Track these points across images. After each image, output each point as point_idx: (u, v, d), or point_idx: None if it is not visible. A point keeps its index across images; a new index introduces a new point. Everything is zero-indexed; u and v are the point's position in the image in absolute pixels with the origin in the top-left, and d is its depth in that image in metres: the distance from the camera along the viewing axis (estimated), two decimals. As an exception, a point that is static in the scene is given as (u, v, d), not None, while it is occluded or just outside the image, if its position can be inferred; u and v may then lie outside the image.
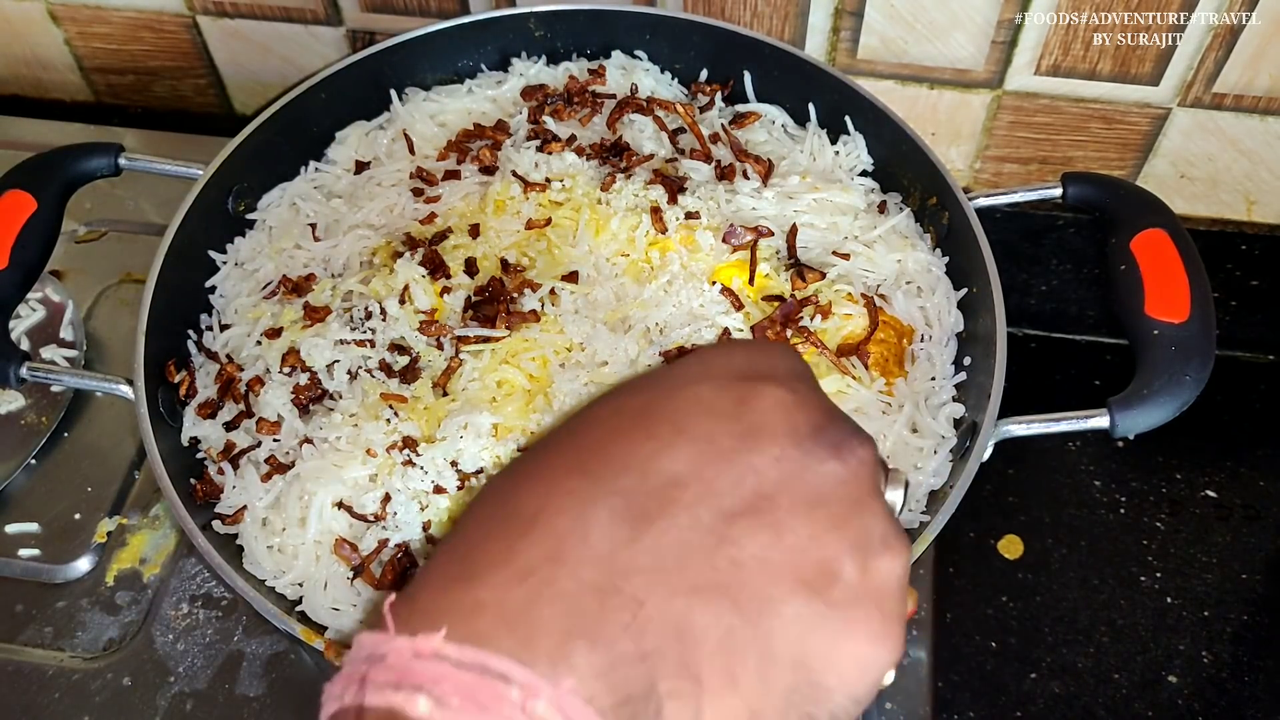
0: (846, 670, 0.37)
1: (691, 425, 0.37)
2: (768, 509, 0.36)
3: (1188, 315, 0.67)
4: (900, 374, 0.74)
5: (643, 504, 0.36)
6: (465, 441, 0.66)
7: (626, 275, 0.75)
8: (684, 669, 0.34)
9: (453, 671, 0.32)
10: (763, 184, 0.79)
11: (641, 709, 0.34)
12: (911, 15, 0.92)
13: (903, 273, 0.78)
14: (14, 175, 0.76)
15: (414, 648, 0.33)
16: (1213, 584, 0.86)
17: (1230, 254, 1.04)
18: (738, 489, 0.36)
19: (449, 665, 0.32)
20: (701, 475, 0.36)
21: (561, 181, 0.78)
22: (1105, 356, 0.98)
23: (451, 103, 0.88)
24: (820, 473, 0.37)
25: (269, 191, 0.84)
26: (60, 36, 1.11)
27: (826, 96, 0.85)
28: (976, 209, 0.75)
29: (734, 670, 0.35)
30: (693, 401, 0.38)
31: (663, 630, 0.34)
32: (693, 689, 0.35)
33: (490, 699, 0.31)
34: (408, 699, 0.32)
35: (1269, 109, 0.95)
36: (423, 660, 0.32)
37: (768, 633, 0.35)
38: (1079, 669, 0.82)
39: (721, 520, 0.36)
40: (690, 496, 0.36)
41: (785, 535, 0.36)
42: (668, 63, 0.89)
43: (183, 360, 0.76)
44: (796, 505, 0.36)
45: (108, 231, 1.00)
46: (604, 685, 0.33)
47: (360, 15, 1.02)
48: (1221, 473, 0.91)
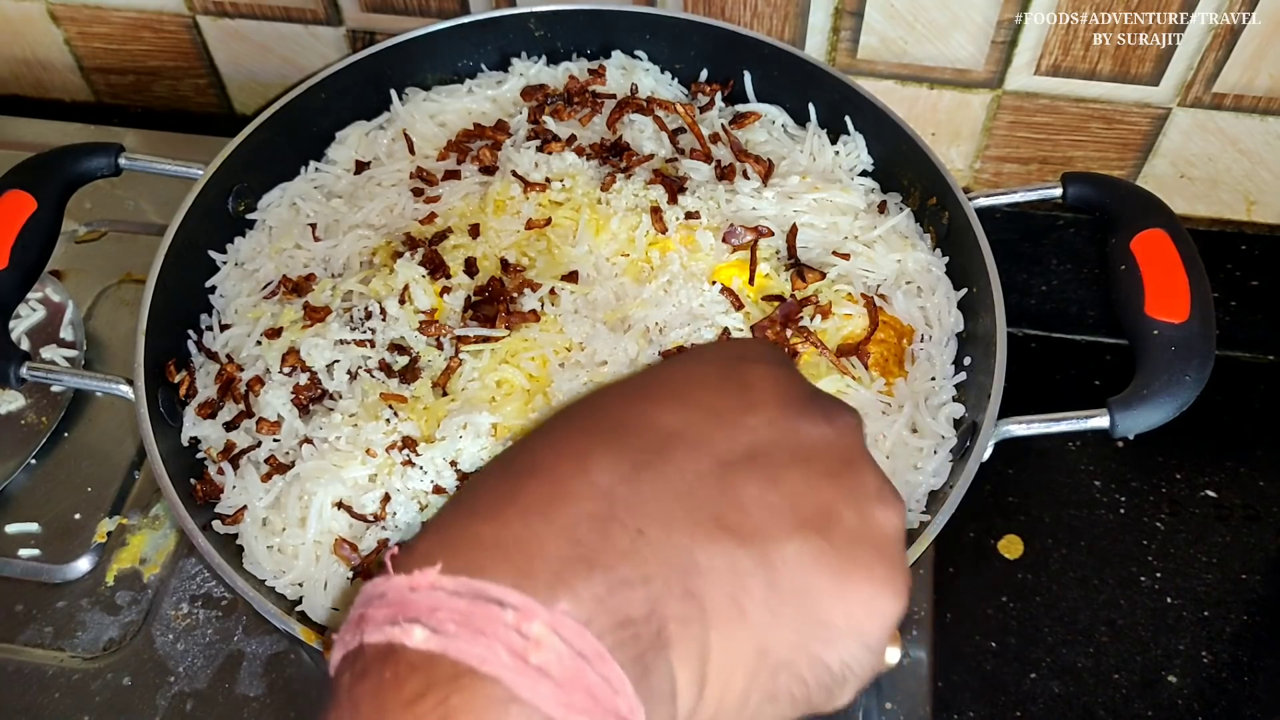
0: (854, 610, 0.37)
1: (688, 394, 0.40)
2: (764, 460, 0.38)
3: (1188, 315, 0.67)
4: (900, 374, 0.74)
5: (642, 451, 0.37)
6: (465, 441, 0.66)
7: (626, 275, 0.75)
8: (688, 597, 0.35)
9: (447, 600, 0.32)
10: (763, 184, 0.79)
11: (644, 631, 0.34)
12: (911, 15, 0.92)
13: (903, 273, 0.78)
14: (14, 175, 0.76)
15: (410, 583, 0.33)
16: (1213, 584, 0.86)
17: (1230, 254, 1.04)
18: (733, 443, 0.38)
19: (444, 594, 0.32)
20: (699, 431, 0.38)
21: (561, 181, 0.78)
22: (1105, 356, 0.98)
23: (451, 103, 0.88)
24: (812, 433, 0.39)
25: (269, 191, 0.84)
26: (60, 36, 1.11)
27: (826, 96, 0.85)
28: (976, 209, 0.75)
29: (741, 602, 0.36)
30: (690, 377, 0.41)
31: (664, 559, 0.35)
32: (698, 615, 0.35)
33: (486, 623, 0.32)
34: (404, 631, 0.32)
35: (1269, 109, 0.95)
36: (418, 593, 0.33)
37: (772, 567, 0.36)
38: (1079, 669, 0.82)
39: (719, 467, 0.37)
40: (688, 447, 0.37)
41: (782, 482, 0.37)
42: (668, 63, 0.89)
43: (183, 360, 0.76)
44: (792, 458, 0.38)
45: (108, 231, 1.00)
46: (602, 609, 0.33)
47: (360, 15, 1.02)
48: (1221, 473, 0.91)
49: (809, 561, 0.36)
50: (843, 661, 0.37)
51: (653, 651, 0.34)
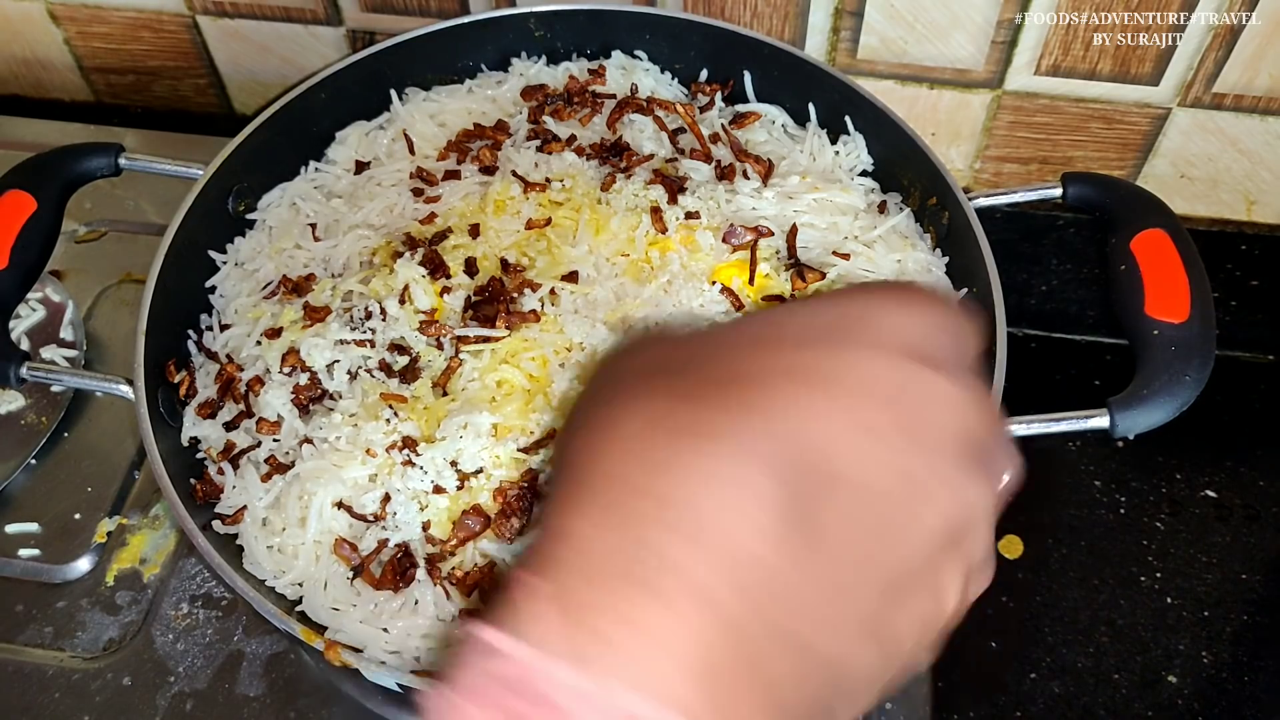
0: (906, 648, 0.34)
1: (849, 400, 0.30)
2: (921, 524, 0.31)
3: (1188, 315, 0.67)
4: (900, 374, 0.73)
5: (796, 488, 0.29)
6: (465, 441, 0.66)
7: (626, 275, 0.75)
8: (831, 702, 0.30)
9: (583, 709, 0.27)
10: (763, 184, 0.79)
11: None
12: (911, 15, 0.92)
13: (903, 273, 0.78)
14: (14, 175, 0.76)
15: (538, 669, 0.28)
16: (1213, 584, 0.86)
17: (1230, 254, 1.04)
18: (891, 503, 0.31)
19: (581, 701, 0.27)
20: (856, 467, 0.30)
21: (561, 181, 0.78)
22: (1105, 356, 0.98)
23: (451, 103, 0.88)
24: (968, 496, 0.33)
25: (269, 191, 0.84)
26: (60, 36, 1.11)
27: (826, 96, 0.85)
28: (976, 209, 0.75)
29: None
30: (855, 371, 0.31)
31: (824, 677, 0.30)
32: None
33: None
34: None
35: (1269, 109, 0.95)
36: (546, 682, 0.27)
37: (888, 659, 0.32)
38: (1079, 669, 0.82)
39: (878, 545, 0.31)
40: (857, 501, 0.30)
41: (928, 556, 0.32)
42: (668, 63, 0.89)
43: (183, 360, 0.76)
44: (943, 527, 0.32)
45: (108, 231, 1.00)
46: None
47: (360, 15, 1.02)
48: (1221, 473, 0.91)
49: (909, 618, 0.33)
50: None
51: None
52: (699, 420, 0.29)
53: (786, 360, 0.31)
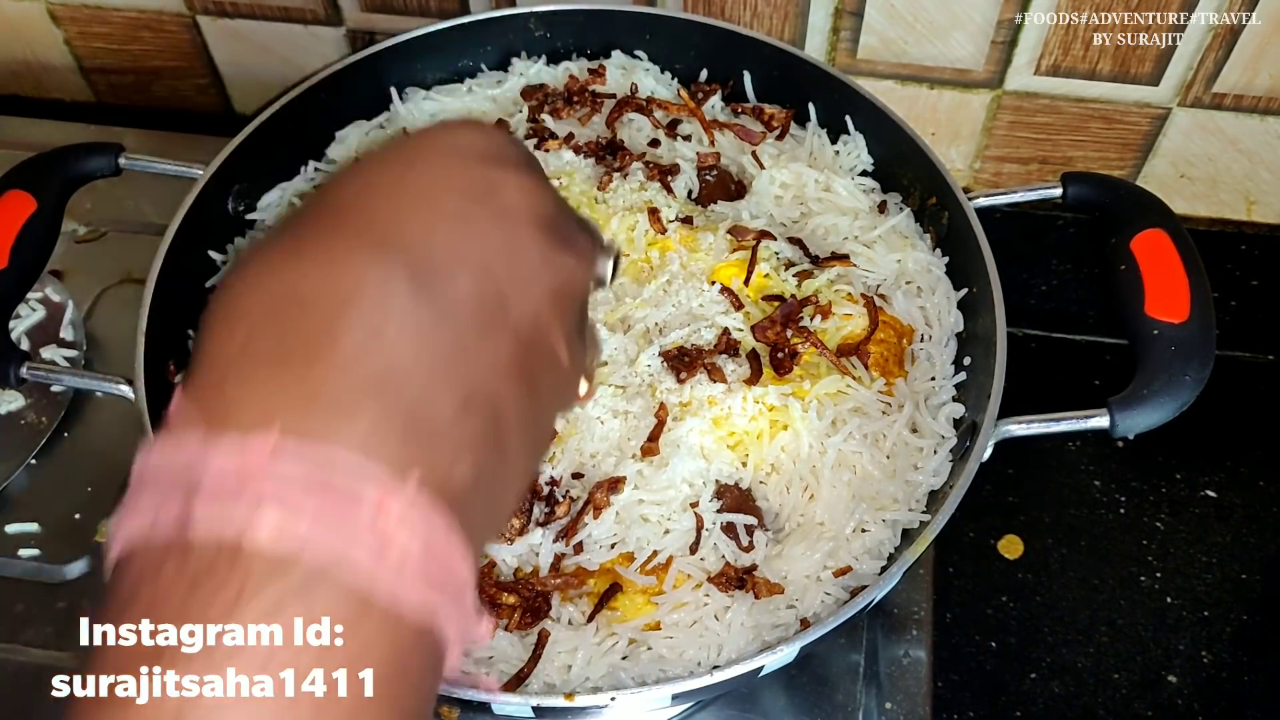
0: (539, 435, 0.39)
1: (448, 204, 0.36)
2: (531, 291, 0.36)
3: (1188, 315, 0.67)
4: (900, 374, 0.74)
5: (431, 279, 0.33)
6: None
7: (626, 275, 0.75)
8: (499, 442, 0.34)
9: (295, 478, 0.28)
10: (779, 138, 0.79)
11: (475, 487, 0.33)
12: (911, 15, 0.92)
13: (903, 273, 0.78)
14: (14, 175, 0.76)
15: (243, 458, 0.28)
16: (1213, 584, 0.86)
17: (1230, 254, 1.04)
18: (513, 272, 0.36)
19: (290, 470, 0.28)
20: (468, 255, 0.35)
21: (559, 180, 0.78)
22: (1105, 356, 0.98)
23: (451, 102, 0.88)
24: (563, 263, 0.38)
25: (269, 191, 0.84)
26: (60, 36, 1.11)
27: (826, 96, 0.85)
28: (976, 209, 0.75)
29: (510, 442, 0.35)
30: (446, 179, 0.36)
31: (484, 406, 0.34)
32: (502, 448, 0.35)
33: (343, 508, 0.28)
34: (249, 516, 0.28)
35: (1269, 109, 0.95)
36: (255, 470, 0.28)
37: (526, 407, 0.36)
38: (1079, 669, 0.82)
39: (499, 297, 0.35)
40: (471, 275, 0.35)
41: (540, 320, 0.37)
42: (668, 63, 0.89)
43: (183, 360, 0.76)
44: (544, 295, 0.37)
45: (108, 231, 1.00)
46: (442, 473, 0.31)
47: (360, 15, 1.02)
48: (1221, 473, 0.91)
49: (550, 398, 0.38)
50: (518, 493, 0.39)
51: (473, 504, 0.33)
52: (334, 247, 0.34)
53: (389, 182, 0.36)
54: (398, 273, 0.33)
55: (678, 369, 0.69)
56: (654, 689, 0.60)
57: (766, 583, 0.64)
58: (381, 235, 0.34)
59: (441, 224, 0.35)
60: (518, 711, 0.61)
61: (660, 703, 0.62)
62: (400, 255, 0.34)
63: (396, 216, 0.35)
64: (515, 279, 0.36)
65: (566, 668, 0.63)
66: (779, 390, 0.69)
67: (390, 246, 0.34)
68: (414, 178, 0.36)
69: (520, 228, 0.36)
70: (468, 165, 0.37)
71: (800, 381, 0.70)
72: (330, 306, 0.32)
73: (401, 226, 0.35)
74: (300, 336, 0.31)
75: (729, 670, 0.60)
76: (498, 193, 0.37)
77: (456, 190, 0.36)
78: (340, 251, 0.33)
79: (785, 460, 0.68)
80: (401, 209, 0.35)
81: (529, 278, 0.36)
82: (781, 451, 0.68)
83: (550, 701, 0.59)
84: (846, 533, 0.67)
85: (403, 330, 0.32)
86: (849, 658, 0.77)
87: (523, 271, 0.36)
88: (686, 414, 0.68)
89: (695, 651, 0.63)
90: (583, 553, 0.65)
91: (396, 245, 0.34)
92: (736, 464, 0.68)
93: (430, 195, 0.36)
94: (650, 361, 0.70)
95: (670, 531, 0.66)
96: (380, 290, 0.32)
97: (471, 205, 0.36)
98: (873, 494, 0.68)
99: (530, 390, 0.36)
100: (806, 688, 0.76)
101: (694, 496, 0.67)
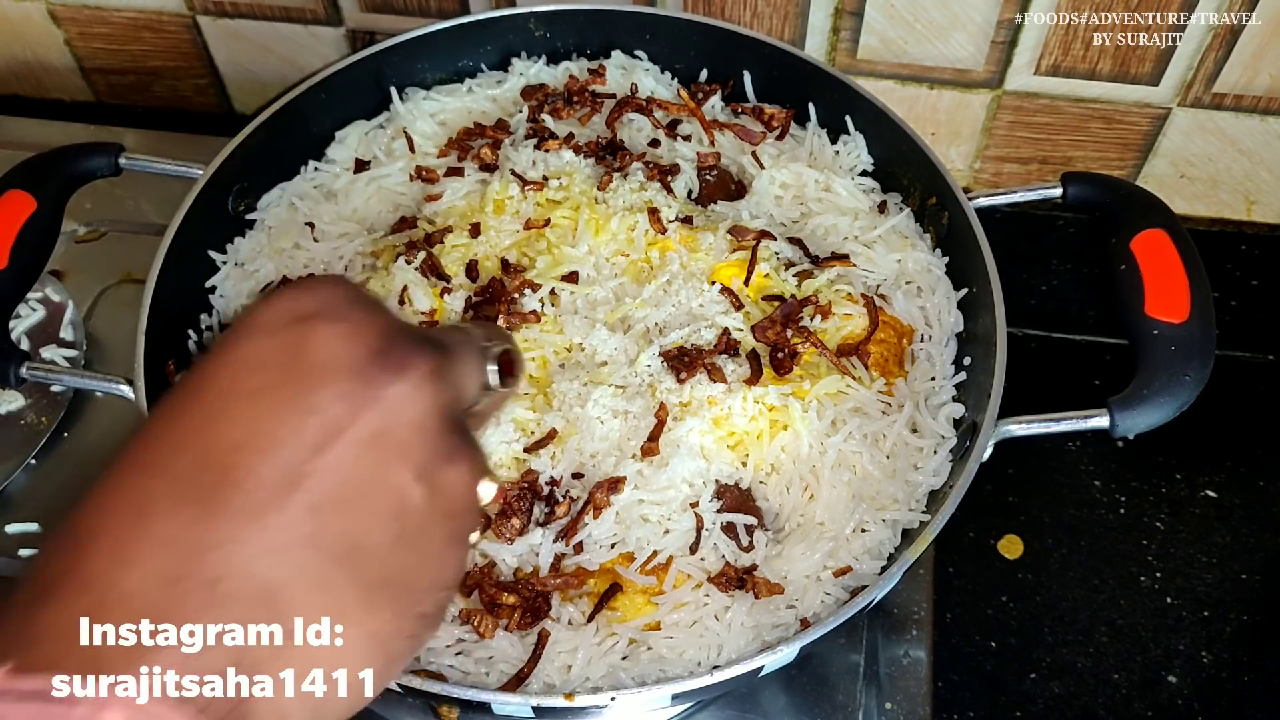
0: (432, 570, 0.39)
1: (243, 385, 0.36)
2: (334, 449, 0.36)
3: (1188, 315, 0.67)
4: (900, 374, 0.74)
5: (205, 487, 0.34)
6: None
7: (626, 275, 0.75)
8: (280, 625, 0.34)
9: (14, 708, 0.30)
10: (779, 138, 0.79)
11: (231, 683, 0.33)
12: (911, 15, 0.92)
13: (903, 273, 0.78)
14: (14, 175, 0.76)
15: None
16: (1213, 584, 0.86)
17: (1230, 254, 1.04)
18: (301, 435, 0.35)
19: (10, 702, 0.30)
20: (261, 432, 0.35)
21: (559, 179, 0.78)
22: (1105, 356, 0.98)
23: (452, 102, 0.88)
24: (386, 397, 0.37)
25: (269, 191, 0.84)
26: (60, 37, 1.11)
27: (826, 96, 0.85)
28: (976, 209, 0.75)
29: (330, 609, 0.35)
30: (242, 362, 0.37)
31: (245, 600, 0.34)
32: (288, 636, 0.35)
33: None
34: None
35: (1269, 109, 0.95)
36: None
37: (362, 563, 0.36)
38: (1079, 669, 0.82)
39: (290, 473, 0.35)
40: (251, 457, 0.35)
41: (353, 472, 0.36)
42: (668, 63, 0.89)
43: (183, 360, 0.76)
44: (363, 438, 0.36)
45: (108, 231, 1.00)
46: (192, 672, 0.32)
47: (360, 15, 1.02)
48: (1221, 473, 0.91)
49: (389, 554, 0.37)
50: (435, 603, 0.40)
51: (242, 704, 0.34)
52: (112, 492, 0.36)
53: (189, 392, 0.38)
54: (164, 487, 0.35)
55: (678, 369, 0.69)
56: (654, 689, 0.60)
57: (766, 583, 0.64)
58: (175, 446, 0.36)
59: (241, 411, 0.36)
60: (518, 711, 0.61)
61: (660, 703, 0.62)
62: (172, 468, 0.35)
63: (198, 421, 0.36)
64: (319, 441, 0.35)
65: (566, 668, 0.63)
66: (779, 390, 0.69)
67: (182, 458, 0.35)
68: (210, 376, 0.37)
69: (324, 382, 0.36)
70: (270, 336, 0.37)
71: (800, 381, 0.70)
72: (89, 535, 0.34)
73: (184, 433, 0.36)
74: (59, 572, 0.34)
75: (729, 670, 0.60)
76: (303, 353, 0.36)
77: (255, 369, 0.37)
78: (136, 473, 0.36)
79: (785, 460, 0.68)
80: (190, 413, 0.36)
81: (340, 426, 0.36)
82: (781, 451, 0.68)
83: (550, 701, 0.59)
84: (846, 533, 0.67)
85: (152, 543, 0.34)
86: (849, 658, 0.77)
87: (330, 423, 0.36)
88: (686, 414, 0.68)
89: (695, 651, 0.63)
90: (583, 553, 0.65)
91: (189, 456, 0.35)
92: (736, 464, 0.68)
93: (223, 386, 0.37)
94: (650, 361, 0.70)
95: (670, 531, 0.66)
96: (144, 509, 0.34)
97: (270, 377, 0.36)
98: (873, 494, 0.68)
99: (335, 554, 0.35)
100: (806, 688, 0.76)
101: (694, 496, 0.67)
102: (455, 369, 0.40)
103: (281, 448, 0.35)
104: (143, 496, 0.35)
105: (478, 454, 0.40)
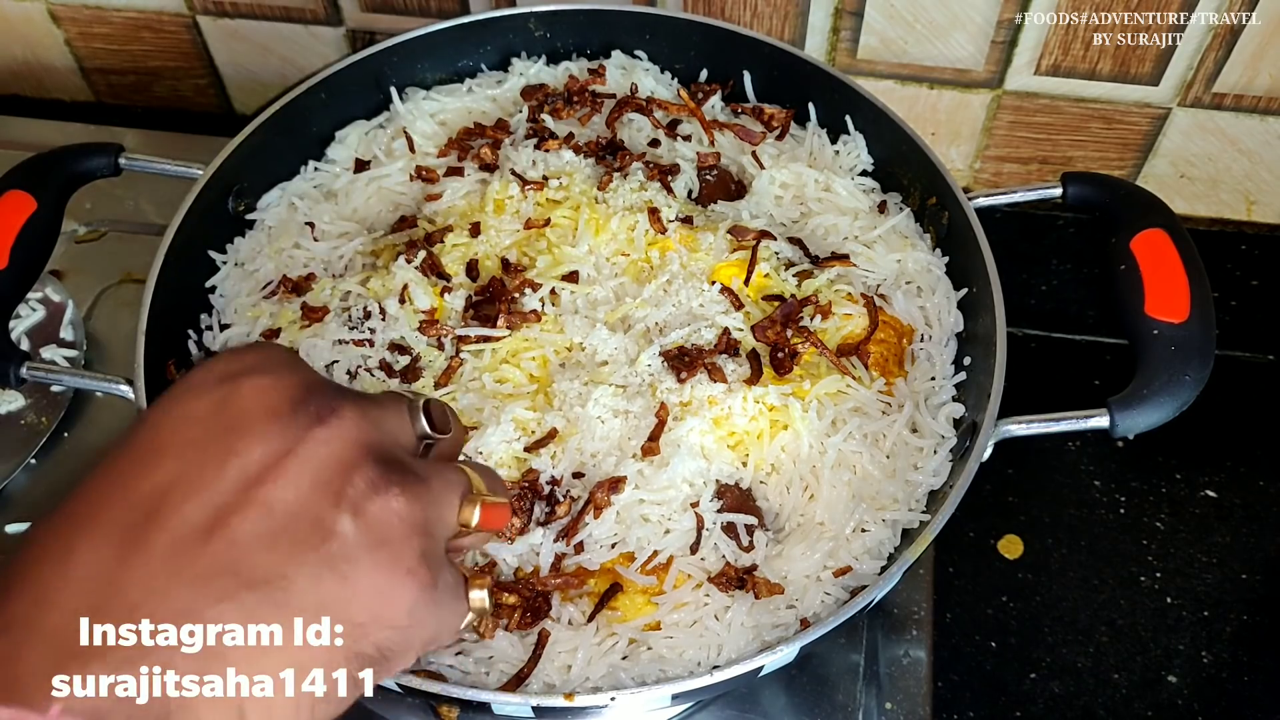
0: (370, 603, 0.39)
1: (171, 439, 0.39)
2: (257, 488, 0.38)
3: (1188, 315, 0.67)
4: (900, 374, 0.74)
5: (129, 524, 0.36)
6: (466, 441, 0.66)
7: (627, 275, 0.75)
8: (203, 660, 0.35)
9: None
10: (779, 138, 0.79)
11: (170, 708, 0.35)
12: (911, 15, 0.92)
13: (903, 273, 0.78)
14: (14, 175, 0.76)
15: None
16: (1213, 584, 0.86)
17: (1230, 254, 1.04)
18: (223, 479, 0.38)
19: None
20: (186, 478, 0.37)
21: (559, 179, 0.78)
22: (1105, 356, 0.98)
23: (452, 102, 0.88)
24: (307, 439, 0.39)
25: (269, 191, 0.84)
26: (61, 37, 1.11)
27: (826, 96, 0.85)
28: (976, 209, 0.75)
29: (263, 641, 0.36)
30: (173, 419, 0.40)
31: (165, 635, 0.35)
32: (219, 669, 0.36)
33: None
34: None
35: (1269, 109, 0.95)
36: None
37: (285, 598, 0.37)
38: (1079, 669, 0.82)
39: (212, 511, 0.37)
40: (176, 500, 0.37)
41: (276, 507, 0.38)
42: (668, 63, 0.89)
43: (183, 360, 0.76)
44: (285, 477, 0.38)
45: (108, 231, 1.00)
46: (109, 702, 0.34)
47: (360, 15, 1.02)
48: (1221, 473, 0.91)
49: (316, 582, 0.38)
50: (378, 645, 0.40)
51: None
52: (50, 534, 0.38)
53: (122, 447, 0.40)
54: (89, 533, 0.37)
55: (678, 369, 0.69)
56: (654, 689, 0.60)
57: (766, 583, 0.64)
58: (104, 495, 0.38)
59: (169, 460, 0.38)
60: (518, 711, 0.61)
61: (660, 703, 0.62)
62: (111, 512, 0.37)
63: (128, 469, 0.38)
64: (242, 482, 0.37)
65: (566, 668, 0.63)
66: (779, 390, 0.69)
67: (108, 505, 0.37)
68: (143, 433, 0.39)
69: (249, 428, 0.38)
70: (200, 395, 0.40)
71: (800, 381, 0.70)
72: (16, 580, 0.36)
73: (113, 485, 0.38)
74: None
75: (729, 670, 0.60)
76: (229, 406, 0.39)
77: (183, 424, 0.39)
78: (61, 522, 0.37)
79: (785, 460, 0.68)
80: (120, 467, 0.38)
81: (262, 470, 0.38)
82: (781, 451, 0.68)
83: (550, 701, 0.59)
84: (846, 533, 0.67)
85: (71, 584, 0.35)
86: (849, 658, 0.77)
87: (252, 468, 0.38)
88: (687, 414, 0.68)
89: (695, 651, 0.63)
90: (583, 552, 0.65)
91: (114, 503, 0.37)
92: (737, 464, 0.68)
93: (153, 441, 0.39)
94: (650, 361, 0.70)
95: (670, 531, 0.66)
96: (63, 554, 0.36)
97: (197, 430, 0.39)
98: (873, 494, 0.68)
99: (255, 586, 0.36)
100: (806, 688, 0.76)
101: (694, 496, 0.67)
102: (378, 414, 0.42)
103: (206, 489, 0.37)
104: (65, 544, 0.37)
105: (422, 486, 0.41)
